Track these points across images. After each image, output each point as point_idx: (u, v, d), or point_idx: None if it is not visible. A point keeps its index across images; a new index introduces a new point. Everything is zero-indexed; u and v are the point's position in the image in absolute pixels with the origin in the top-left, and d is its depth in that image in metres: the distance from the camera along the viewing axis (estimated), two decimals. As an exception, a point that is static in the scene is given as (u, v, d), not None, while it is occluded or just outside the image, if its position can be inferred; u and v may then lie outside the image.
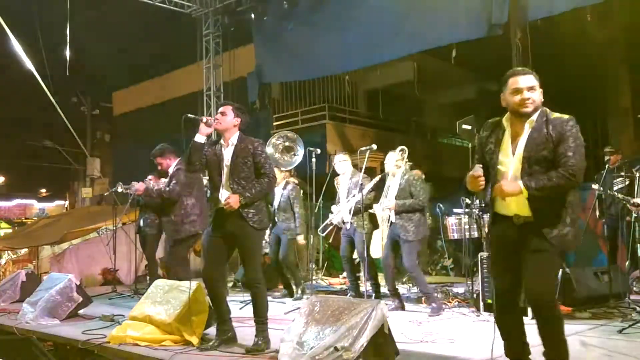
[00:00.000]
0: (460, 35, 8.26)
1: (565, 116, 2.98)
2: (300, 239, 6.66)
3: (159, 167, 6.19)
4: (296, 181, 7.20)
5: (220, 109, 4.20)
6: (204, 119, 4.10)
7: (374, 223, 6.03)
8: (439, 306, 5.40)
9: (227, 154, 4.14)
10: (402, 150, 5.69)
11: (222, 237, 4.14)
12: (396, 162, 5.64)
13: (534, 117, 2.98)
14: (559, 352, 2.96)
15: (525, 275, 2.99)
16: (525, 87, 2.97)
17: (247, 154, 4.13)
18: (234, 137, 4.16)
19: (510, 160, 3.01)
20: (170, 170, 6.05)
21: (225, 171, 4.12)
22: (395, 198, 5.50)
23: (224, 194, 4.08)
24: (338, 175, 6.40)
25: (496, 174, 3.05)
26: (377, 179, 5.99)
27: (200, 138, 4.07)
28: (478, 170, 3.02)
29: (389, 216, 5.53)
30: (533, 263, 2.94)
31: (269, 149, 6.76)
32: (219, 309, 4.23)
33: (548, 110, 3.02)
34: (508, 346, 3.13)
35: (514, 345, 3.12)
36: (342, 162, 6.24)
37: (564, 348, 2.97)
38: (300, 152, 6.87)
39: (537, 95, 2.99)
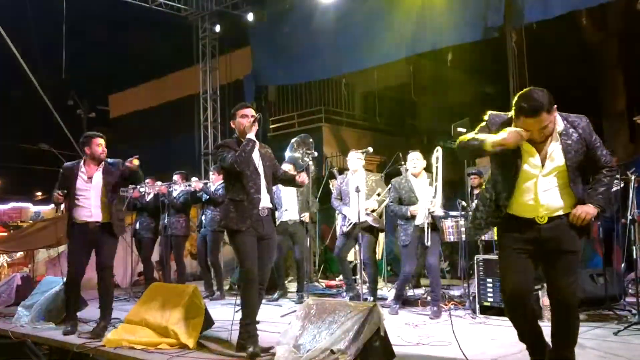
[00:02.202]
0: (456, 38, 8.29)
1: (582, 116, 3.00)
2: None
3: (101, 152, 5.13)
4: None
5: (253, 113, 4.15)
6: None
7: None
8: (440, 310, 5.40)
9: (256, 156, 4.13)
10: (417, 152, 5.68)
11: (257, 239, 4.10)
12: (416, 161, 5.58)
13: (559, 127, 2.91)
14: (572, 354, 2.97)
15: (555, 276, 2.98)
16: (537, 129, 2.83)
17: (270, 158, 4.27)
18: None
19: (539, 171, 2.93)
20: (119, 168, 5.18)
21: (263, 173, 4.14)
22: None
23: (265, 197, 4.11)
24: (334, 177, 6.39)
25: (518, 178, 2.95)
26: (389, 187, 5.91)
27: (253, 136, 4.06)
28: (526, 133, 2.84)
29: (429, 218, 5.38)
30: (564, 264, 2.95)
31: (295, 154, 6.72)
32: (257, 307, 4.15)
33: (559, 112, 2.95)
34: (533, 349, 3.09)
35: (537, 346, 3.08)
36: (356, 160, 6.04)
37: (574, 350, 2.99)
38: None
39: (551, 123, 2.84)
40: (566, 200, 2.97)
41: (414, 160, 5.60)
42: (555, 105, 2.85)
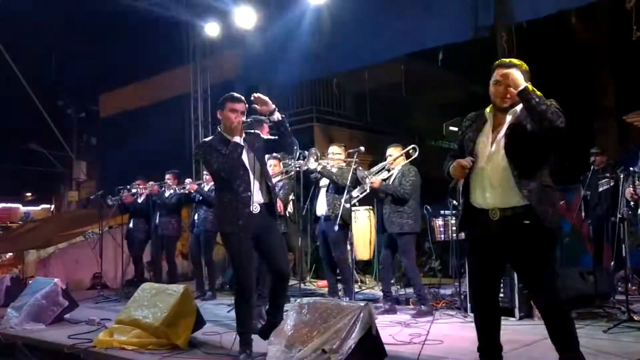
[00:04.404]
0: (447, 38, 8.31)
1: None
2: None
3: None
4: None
5: (243, 109, 4.06)
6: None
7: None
8: (429, 310, 5.37)
9: (243, 154, 3.92)
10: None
11: (257, 236, 3.93)
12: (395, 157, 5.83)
13: (517, 108, 2.89)
14: (573, 348, 2.86)
15: (528, 280, 2.86)
16: (506, 83, 2.84)
17: (259, 147, 4.04)
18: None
19: (487, 149, 2.93)
20: None
21: (251, 168, 3.91)
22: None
23: (257, 193, 3.90)
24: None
25: (474, 160, 2.98)
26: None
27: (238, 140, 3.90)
28: (469, 161, 2.91)
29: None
30: (533, 266, 2.79)
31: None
32: (251, 315, 4.05)
33: None
34: (484, 346, 3.06)
35: (490, 345, 3.06)
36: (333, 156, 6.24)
37: (576, 340, 2.87)
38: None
39: (516, 83, 2.81)
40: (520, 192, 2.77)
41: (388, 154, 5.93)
42: (530, 83, 2.83)
